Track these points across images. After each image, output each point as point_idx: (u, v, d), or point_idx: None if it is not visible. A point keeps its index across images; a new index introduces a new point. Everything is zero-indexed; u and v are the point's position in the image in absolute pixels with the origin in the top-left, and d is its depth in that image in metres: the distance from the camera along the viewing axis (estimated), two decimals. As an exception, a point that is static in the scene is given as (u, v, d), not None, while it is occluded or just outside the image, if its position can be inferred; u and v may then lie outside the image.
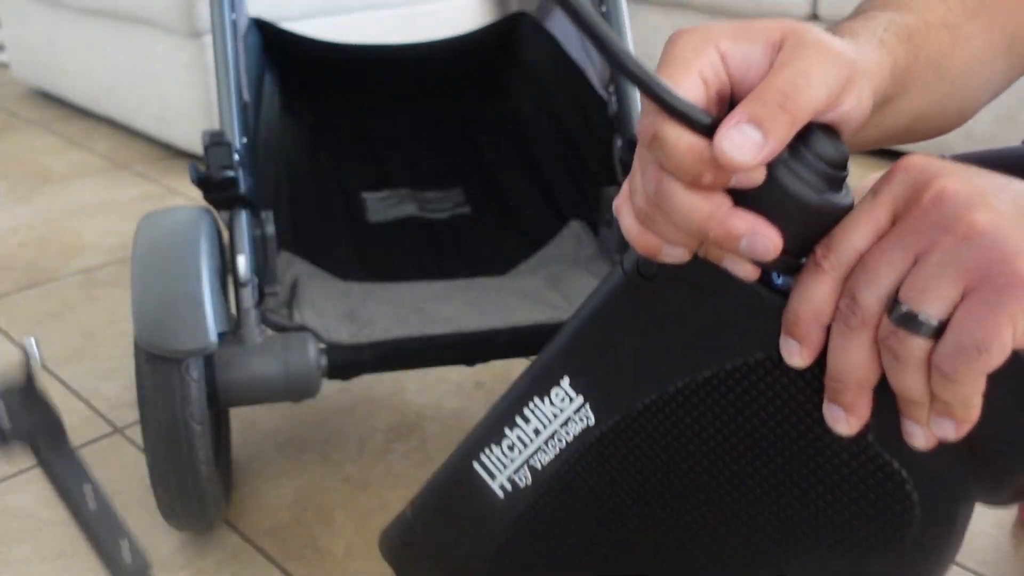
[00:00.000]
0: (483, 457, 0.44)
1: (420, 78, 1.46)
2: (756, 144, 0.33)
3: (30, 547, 0.95)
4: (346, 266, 1.14)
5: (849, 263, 0.35)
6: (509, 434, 0.43)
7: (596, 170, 1.19)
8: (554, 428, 0.42)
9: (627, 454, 0.41)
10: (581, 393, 0.41)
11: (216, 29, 1.00)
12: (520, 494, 0.44)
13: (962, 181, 0.33)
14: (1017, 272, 0.31)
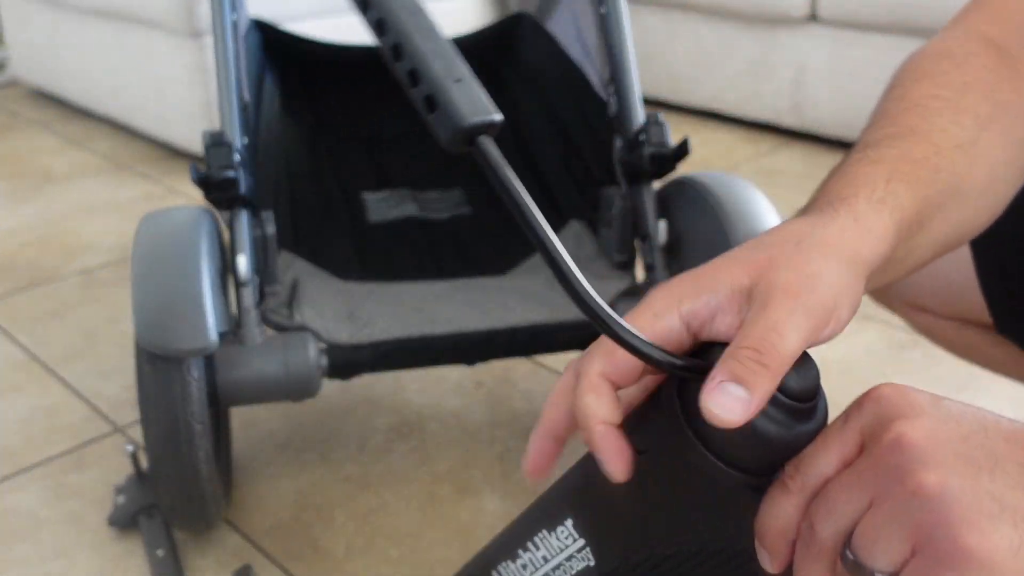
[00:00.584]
0: (501, 569, 0.46)
1: (420, 78, 1.46)
2: (743, 401, 0.34)
3: (30, 546, 0.95)
4: (346, 266, 1.14)
5: (814, 487, 0.35)
6: (523, 555, 0.45)
7: (596, 170, 1.19)
8: (559, 560, 0.44)
9: None
10: (583, 536, 0.43)
11: (216, 29, 1.00)
12: None
13: (923, 428, 0.33)
14: (958, 543, 0.31)
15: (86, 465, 1.07)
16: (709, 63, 2.32)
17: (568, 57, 1.29)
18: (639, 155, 1.01)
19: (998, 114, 0.50)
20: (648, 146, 1.00)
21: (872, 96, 1.88)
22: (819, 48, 2.12)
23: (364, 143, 1.38)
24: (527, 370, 1.26)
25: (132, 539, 0.95)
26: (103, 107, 2.27)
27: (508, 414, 1.16)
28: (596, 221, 1.16)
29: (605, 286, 1.03)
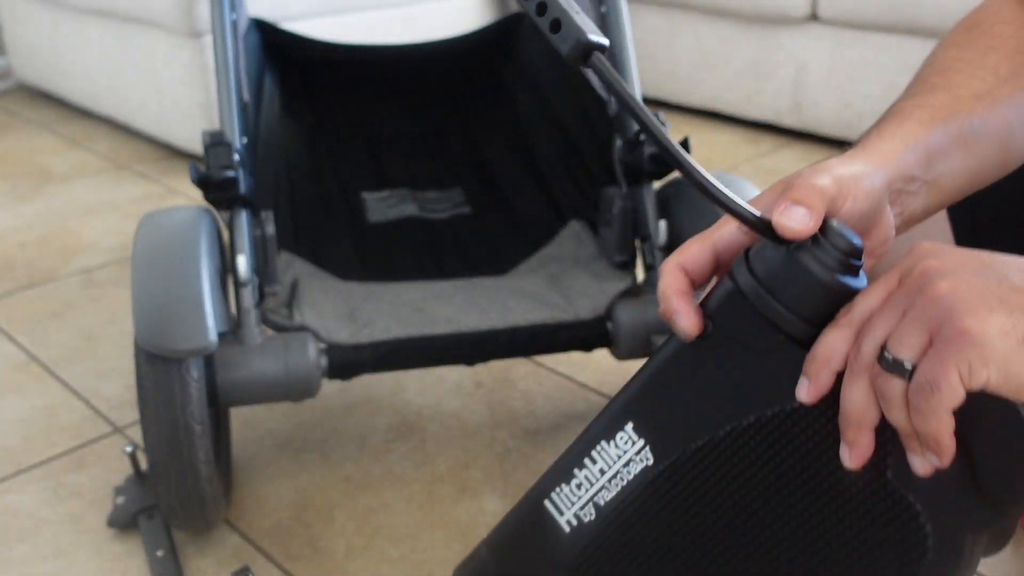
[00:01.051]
0: (554, 496, 0.50)
1: (420, 78, 1.46)
2: (805, 216, 0.43)
3: (30, 546, 0.95)
4: (346, 266, 1.14)
5: (861, 320, 0.42)
6: (578, 474, 0.49)
7: (596, 170, 1.19)
8: (617, 468, 0.48)
9: (680, 491, 0.47)
10: (643, 437, 0.47)
11: (216, 29, 1.00)
12: (584, 529, 0.49)
13: (942, 259, 0.41)
14: (959, 327, 0.38)
15: (85, 465, 1.07)
16: (709, 63, 2.32)
17: (568, 57, 1.28)
18: (639, 155, 1.01)
19: (1019, 71, 0.57)
20: (648, 146, 0.99)
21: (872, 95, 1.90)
22: (819, 48, 2.12)
23: (364, 143, 1.38)
24: (527, 370, 1.26)
25: (132, 539, 0.95)
26: (103, 107, 2.27)
27: (508, 414, 1.16)
28: (596, 221, 1.16)
29: (605, 286, 1.03)
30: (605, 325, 1.00)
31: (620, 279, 1.04)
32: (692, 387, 0.47)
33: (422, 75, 1.46)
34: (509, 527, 0.53)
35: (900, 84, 2.13)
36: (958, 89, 0.56)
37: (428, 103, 1.44)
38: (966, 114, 0.54)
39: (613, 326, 1.00)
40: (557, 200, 1.25)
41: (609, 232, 1.08)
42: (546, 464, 1.08)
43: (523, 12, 1.45)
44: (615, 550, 0.49)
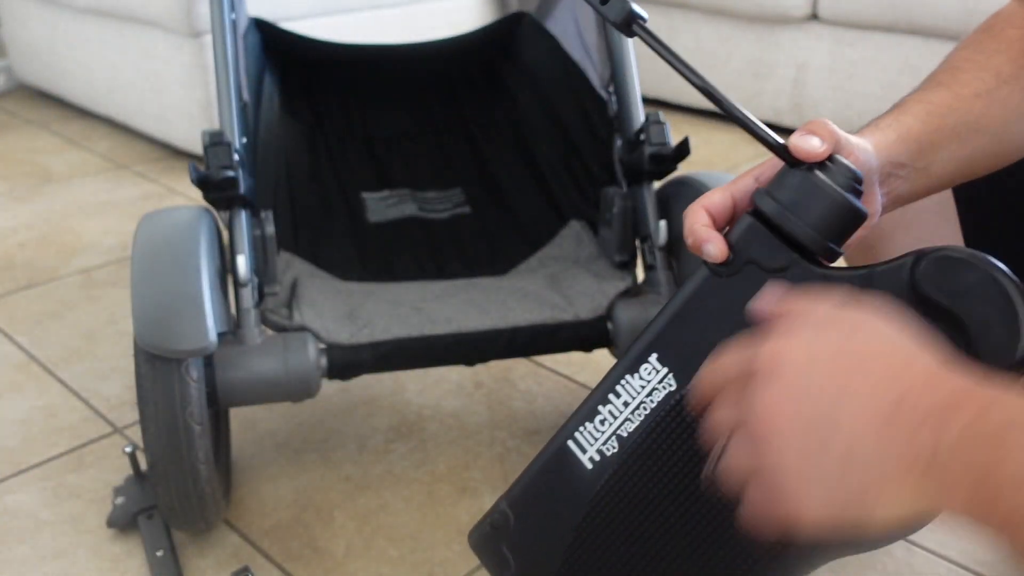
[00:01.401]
0: (577, 435, 0.53)
1: (420, 78, 1.46)
2: (819, 142, 0.50)
3: (29, 547, 0.95)
4: (346, 266, 1.14)
5: (714, 382, 0.46)
6: (602, 410, 0.52)
7: (596, 170, 1.19)
8: (641, 399, 0.51)
9: None
10: (666, 365, 0.51)
11: (216, 29, 1.00)
12: (607, 462, 0.52)
13: (783, 355, 0.43)
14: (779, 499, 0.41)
15: (85, 466, 1.07)
16: (710, 63, 2.32)
17: (568, 56, 1.28)
18: (639, 155, 1.01)
19: (1020, 74, 0.62)
20: (648, 146, 0.99)
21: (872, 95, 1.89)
22: (819, 48, 2.12)
23: (364, 143, 1.38)
24: (527, 370, 1.26)
25: (131, 540, 0.95)
26: (102, 107, 2.26)
27: (508, 415, 1.16)
28: (596, 221, 1.16)
29: (605, 286, 1.03)
30: (605, 325, 1.00)
31: (620, 279, 1.04)
32: (714, 312, 0.51)
33: (422, 75, 1.46)
34: (530, 476, 0.55)
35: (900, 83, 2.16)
36: (961, 88, 0.61)
37: (428, 103, 1.44)
38: (964, 111, 0.60)
39: (613, 326, 1.00)
40: (557, 200, 1.25)
41: (609, 232, 1.08)
42: (546, 464, 1.07)
43: (523, 12, 1.46)
44: (635, 480, 0.51)
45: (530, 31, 1.43)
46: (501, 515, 0.55)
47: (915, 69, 1.98)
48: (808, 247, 0.49)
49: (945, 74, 0.63)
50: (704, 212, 0.53)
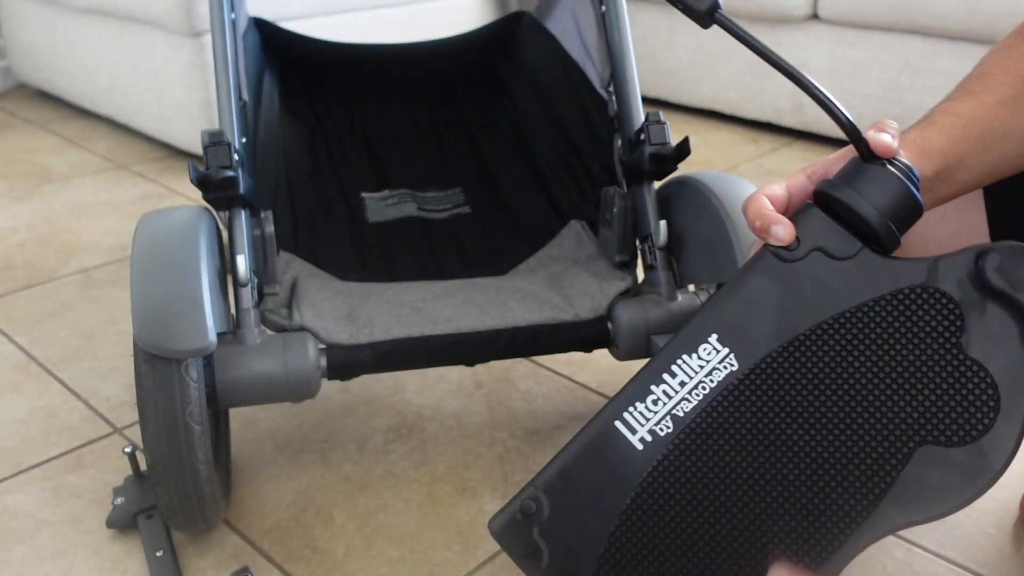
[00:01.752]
0: (626, 416, 0.52)
1: (420, 78, 1.46)
2: (891, 137, 0.56)
3: (29, 547, 0.95)
4: (346, 266, 1.14)
5: None
6: (655, 390, 0.52)
7: (596, 170, 1.19)
8: (699, 379, 0.52)
9: (764, 393, 0.51)
10: (727, 345, 0.52)
11: (215, 29, 1.00)
12: (660, 442, 0.51)
13: None
14: None
15: (85, 466, 1.07)
16: (710, 62, 2.32)
17: (568, 56, 1.28)
18: (640, 155, 1.01)
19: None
20: (649, 146, 0.99)
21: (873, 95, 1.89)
22: (820, 47, 2.12)
23: (364, 143, 1.38)
24: (527, 370, 1.26)
25: (131, 540, 0.95)
26: (102, 107, 2.26)
27: (508, 415, 1.16)
28: (596, 221, 1.16)
29: (605, 286, 1.02)
30: (605, 325, 1.00)
31: (620, 279, 1.04)
32: (777, 295, 0.53)
33: (422, 75, 1.46)
34: (569, 458, 0.53)
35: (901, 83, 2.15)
36: (987, 95, 0.64)
37: (428, 103, 1.44)
38: (989, 118, 0.63)
39: (613, 326, 1.00)
40: (557, 200, 1.25)
41: (609, 232, 1.08)
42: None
43: (523, 11, 1.46)
44: (693, 461, 0.51)
45: (530, 31, 1.43)
46: (533, 500, 0.53)
47: (915, 69, 1.98)
48: (878, 233, 0.53)
49: (973, 81, 0.65)
50: (767, 199, 0.56)
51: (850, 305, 0.52)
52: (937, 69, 1.95)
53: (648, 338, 0.98)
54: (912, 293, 0.52)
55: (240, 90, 1.02)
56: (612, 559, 0.51)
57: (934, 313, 0.51)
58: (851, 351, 0.52)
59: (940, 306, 0.52)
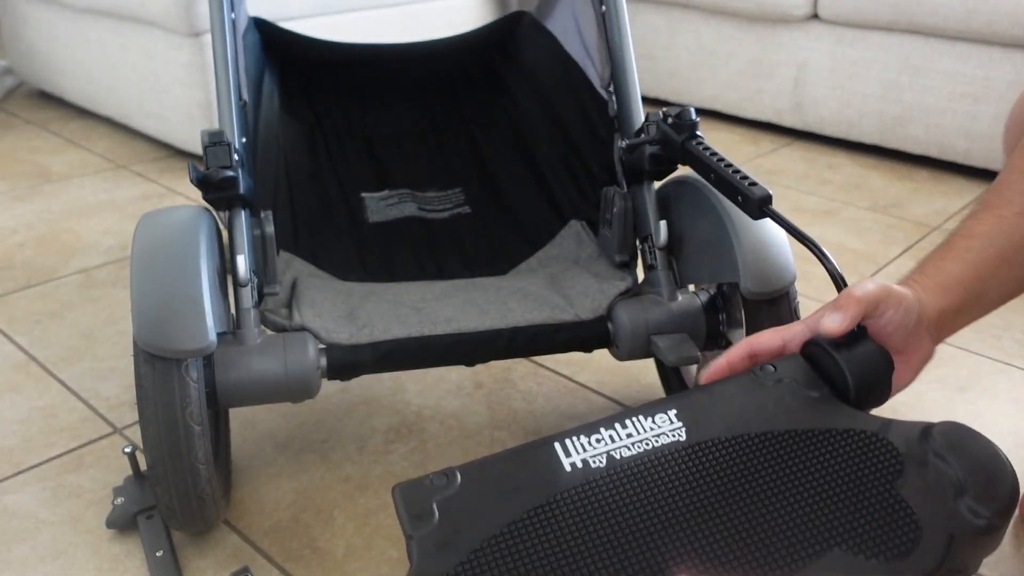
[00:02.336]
0: (567, 441, 0.56)
1: (420, 77, 1.46)
2: (840, 320, 0.60)
3: (29, 547, 0.95)
4: (346, 266, 1.14)
5: None
6: (602, 432, 0.57)
7: (596, 170, 1.19)
8: (646, 436, 0.56)
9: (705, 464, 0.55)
10: (682, 421, 0.57)
11: (215, 28, 1.00)
12: (590, 471, 0.55)
13: None
14: None
15: (85, 466, 1.07)
16: (710, 62, 2.32)
17: (569, 56, 1.28)
18: (640, 155, 1.01)
19: None
20: (649, 146, 0.99)
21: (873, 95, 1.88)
22: (820, 47, 2.12)
23: (364, 143, 1.38)
24: (527, 371, 1.26)
25: (131, 540, 0.95)
26: (101, 106, 2.26)
27: (508, 415, 1.16)
28: (596, 221, 1.16)
29: (605, 286, 1.02)
30: (605, 325, 1.00)
31: (620, 279, 1.04)
32: (741, 401, 0.59)
33: (422, 74, 1.46)
34: (501, 456, 0.57)
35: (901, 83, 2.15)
36: (1004, 208, 0.65)
37: (428, 102, 1.44)
38: (1008, 233, 0.64)
39: (613, 326, 1.00)
40: (557, 200, 1.25)
41: (609, 232, 1.08)
42: (546, 465, 1.06)
43: (523, 11, 1.46)
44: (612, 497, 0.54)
45: (530, 30, 1.43)
46: (445, 476, 0.56)
47: (916, 69, 1.98)
48: (848, 393, 0.60)
49: (991, 194, 0.67)
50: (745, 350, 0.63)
51: (804, 426, 0.57)
52: (937, 69, 1.95)
53: (648, 338, 0.98)
54: (863, 435, 0.58)
55: (240, 90, 1.02)
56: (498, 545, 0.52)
57: (879, 455, 0.57)
58: (793, 457, 0.56)
59: (886, 452, 0.57)
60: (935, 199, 1.89)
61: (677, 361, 0.95)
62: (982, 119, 1.93)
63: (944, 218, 1.79)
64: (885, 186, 1.96)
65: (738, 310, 0.99)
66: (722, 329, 1.01)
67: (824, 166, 2.08)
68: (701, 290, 1.05)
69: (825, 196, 1.90)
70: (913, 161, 2.11)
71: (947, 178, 2.01)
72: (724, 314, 1.01)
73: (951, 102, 1.95)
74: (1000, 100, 1.89)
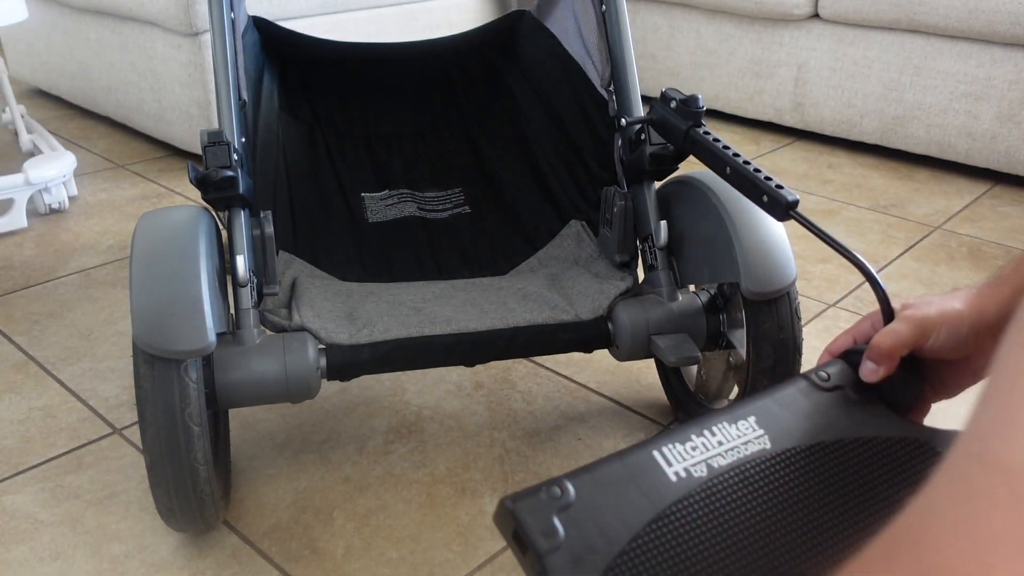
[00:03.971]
0: (664, 450, 0.58)
1: (420, 77, 1.45)
2: (874, 371, 0.63)
3: (28, 548, 0.94)
4: (346, 266, 1.13)
5: None
6: (695, 439, 0.59)
7: (596, 170, 1.19)
8: (735, 444, 0.59)
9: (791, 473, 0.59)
10: (763, 428, 0.60)
11: (215, 28, 1.00)
12: (694, 481, 0.57)
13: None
14: None
15: (84, 467, 1.07)
16: (710, 62, 2.32)
17: (568, 55, 1.28)
18: (640, 154, 1.01)
19: None
20: (649, 145, 0.99)
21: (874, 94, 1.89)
22: (821, 46, 2.12)
23: (364, 143, 1.38)
24: (527, 371, 1.26)
25: (130, 541, 0.95)
26: (101, 106, 2.26)
27: (507, 415, 1.16)
28: (597, 221, 1.15)
29: (606, 286, 1.02)
30: (606, 325, 1.00)
31: (621, 279, 1.04)
32: (806, 407, 0.62)
33: (422, 74, 1.46)
34: (605, 466, 0.58)
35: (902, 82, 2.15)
36: None
37: (428, 102, 1.43)
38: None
39: (614, 326, 0.99)
40: (557, 200, 1.25)
41: (610, 232, 1.08)
42: (546, 465, 1.08)
43: (523, 10, 1.45)
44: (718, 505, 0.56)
45: (530, 30, 1.42)
46: (558, 487, 0.56)
47: (917, 68, 1.98)
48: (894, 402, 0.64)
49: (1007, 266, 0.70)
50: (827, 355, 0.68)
51: (869, 434, 0.62)
52: (938, 68, 1.95)
53: (648, 338, 0.98)
54: (916, 443, 0.61)
55: (239, 90, 1.01)
56: (627, 561, 0.54)
57: (927, 464, 0.60)
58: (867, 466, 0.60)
59: (934, 460, 0.60)
60: (936, 199, 1.89)
61: (678, 361, 0.95)
62: (983, 119, 1.92)
63: (945, 218, 1.79)
64: (886, 186, 1.96)
65: (738, 310, 0.99)
66: (722, 329, 1.01)
67: (824, 166, 2.08)
68: (701, 290, 1.04)
69: (826, 196, 1.90)
70: (914, 161, 2.10)
71: (948, 178, 2.01)
72: (724, 314, 1.01)
73: (952, 102, 1.95)
74: (1001, 100, 1.89)
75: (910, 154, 2.13)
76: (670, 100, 0.97)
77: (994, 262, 1.60)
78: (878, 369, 0.63)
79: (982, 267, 1.58)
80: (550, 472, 1.04)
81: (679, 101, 0.95)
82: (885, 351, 0.63)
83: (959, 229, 1.74)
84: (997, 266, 1.57)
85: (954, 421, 0.65)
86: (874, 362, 0.63)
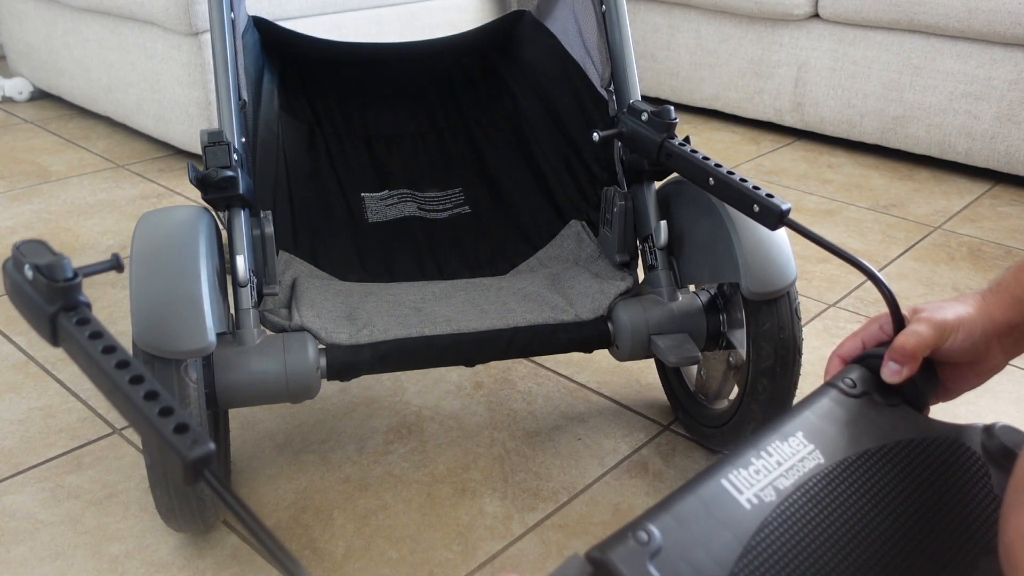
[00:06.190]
0: (731, 477, 0.58)
1: (420, 77, 1.45)
2: (898, 372, 0.64)
3: (28, 548, 0.94)
4: (345, 266, 1.13)
5: None
6: (755, 462, 0.59)
7: (596, 170, 1.19)
8: (793, 463, 0.60)
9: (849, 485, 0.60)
10: (812, 443, 0.61)
11: (214, 28, 1.00)
12: (766, 507, 0.57)
13: None
14: None
15: (84, 467, 1.07)
16: (710, 62, 2.32)
17: (569, 55, 1.28)
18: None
19: None
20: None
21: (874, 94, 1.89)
22: (821, 46, 2.12)
23: (364, 143, 1.38)
24: (527, 371, 1.26)
25: (130, 541, 0.95)
26: (100, 106, 2.26)
27: (507, 415, 1.16)
28: (596, 221, 1.15)
29: (606, 286, 1.02)
30: (606, 325, 1.00)
31: (621, 279, 1.04)
32: (843, 416, 0.64)
33: (422, 73, 1.46)
34: (679, 502, 0.58)
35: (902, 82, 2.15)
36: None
37: (428, 102, 1.43)
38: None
39: (614, 326, 0.99)
40: (557, 200, 1.25)
41: (610, 232, 1.08)
42: (546, 465, 1.08)
43: (523, 10, 1.45)
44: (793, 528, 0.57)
45: (530, 30, 1.42)
46: (646, 532, 0.55)
47: (917, 68, 1.98)
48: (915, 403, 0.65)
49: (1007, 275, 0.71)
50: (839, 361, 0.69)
51: (906, 437, 0.63)
52: (938, 68, 1.95)
53: (648, 338, 0.98)
54: (947, 441, 0.63)
55: (239, 90, 1.01)
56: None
57: (964, 460, 0.62)
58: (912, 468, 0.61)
59: (968, 456, 0.62)
60: (936, 199, 1.89)
61: (678, 361, 0.95)
62: (983, 119, 1.93)
63: (945, 218, 1.79)
64: (886, 186, 1.96)
65: (739, 310, 0.99)
66: (722, 329, 1.01)
67: (825, 166, 2.08)
68: (701, 290, 1.04)
69: (826, 196, 1.90)
70: (914, 161, 2.10)
71: (948, 178, 2.01)
72: (724, 314, 1.01)
73: (952, 101, 1.95)
74: (1001, 100, 1.89)
75: (910, 154, 2.13)
76: (640, 112, 0.96)
77: (994, 262, 1.60)
78: (902, 370, 0.64)
79: (982, 267, 1.58)
80: (550, 472, 1.04)
81: (651, 113, 0.95)
82: (909, 352, 0.64)
83: (959, 229, 1.74)
84: (997, 266, 1.57)
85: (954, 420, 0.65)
86: (898, 363, 0.64)
